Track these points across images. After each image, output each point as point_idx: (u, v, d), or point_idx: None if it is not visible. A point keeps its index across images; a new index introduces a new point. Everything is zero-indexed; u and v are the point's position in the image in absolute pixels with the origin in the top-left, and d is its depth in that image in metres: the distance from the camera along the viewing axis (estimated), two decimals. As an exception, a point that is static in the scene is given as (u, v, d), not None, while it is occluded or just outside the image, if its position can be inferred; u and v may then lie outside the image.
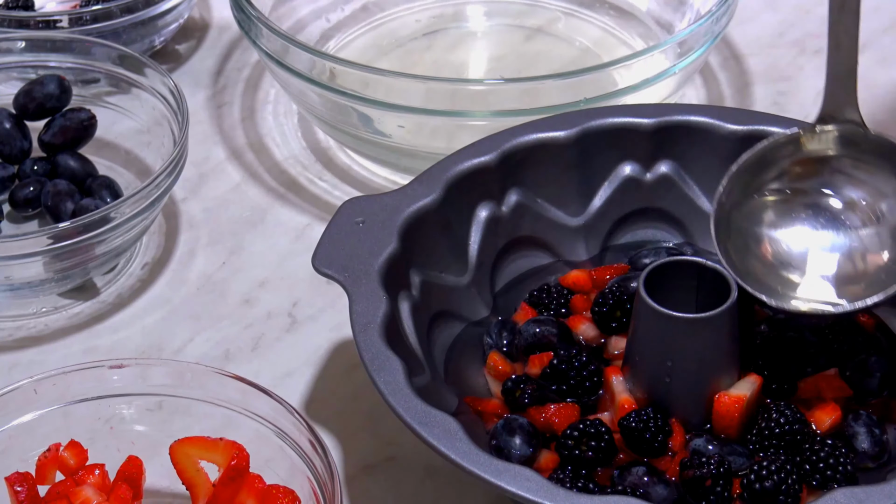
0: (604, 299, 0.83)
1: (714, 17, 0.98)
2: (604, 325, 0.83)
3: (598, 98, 0.95)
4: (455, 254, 0.87)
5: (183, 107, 0.95)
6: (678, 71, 0.98)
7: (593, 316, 0.84)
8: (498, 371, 0.82)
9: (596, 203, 0.91)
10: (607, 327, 0.83)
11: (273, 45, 0.99)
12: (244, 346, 0.92)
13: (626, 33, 1.13)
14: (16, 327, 0.93)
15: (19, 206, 0.99)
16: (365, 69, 0.97)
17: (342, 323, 0.88)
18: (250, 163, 1.06)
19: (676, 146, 0.90)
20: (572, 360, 0.79)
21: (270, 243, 0.99)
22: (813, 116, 0.81)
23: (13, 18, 1.06)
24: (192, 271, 0.97)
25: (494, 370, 0.83)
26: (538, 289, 0.87)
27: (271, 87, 1.13)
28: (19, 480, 0.75)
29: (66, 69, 1.02)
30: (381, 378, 0.74)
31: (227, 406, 0.78)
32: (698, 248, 0.89)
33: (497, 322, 0.85)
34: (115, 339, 0.92)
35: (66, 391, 0.79)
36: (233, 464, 0.74)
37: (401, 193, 0.85)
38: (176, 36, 1.17)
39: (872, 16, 1.18)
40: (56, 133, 1.00)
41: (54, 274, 0.92)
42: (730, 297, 0.77)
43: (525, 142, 0.89)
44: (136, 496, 0.76)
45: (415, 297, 0.83)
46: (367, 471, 0.83)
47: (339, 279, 0.80)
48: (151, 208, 0.92)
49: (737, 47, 1.15)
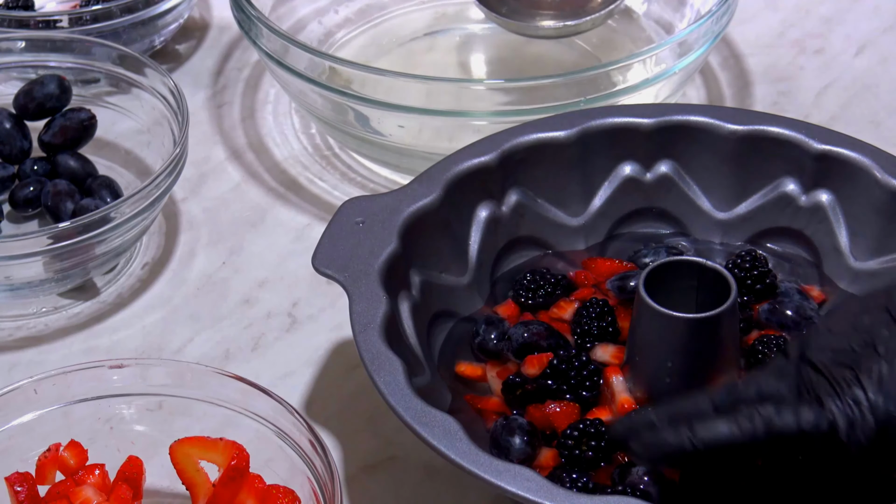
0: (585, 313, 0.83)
1: (714, 16, 0.98)
2: (584, 338, 0.83)
3: (598, 98, 0.95)
4: (455, 254, 0.87)
5: (183, 107, 0.95)
6: (678, 71, 0.98)
7: (572, 329, 0.84)
8: (469, 377, 0.83)
9: (596, 203, 0.91)
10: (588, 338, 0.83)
11: (273, 45, 0.99)
12: (244, 346, 0.92)
13: (625, 33, 1.13)
14: (16, 327, 0.93)
15: (19, 206, 0.99)
16: (365, 69, 0.97)
17: (342, 323, 0.88)
18: (250, 163, 1.06)
19: (676, 146, 0.90)
20: (572, 359, 0.80)
21: (270, 243, 0.99)
22: (813, 116, 0.81)
23: (13, 18, 1.06)
24: (192, 271, 0.97)
25: (464, 376, 0.83)
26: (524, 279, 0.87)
27: (271, 87, 1.13)
28: (19, 480, 0.75)
29: (66, 69, 1.02)
30: (381, 378, 0.74)
31: (227, 406, 0.78)
32: (695, 239, 0.90)
33: (482, 318, 0.85)
34: (115, 339, 0.92)
35: (66, 391, 0.79)
36: (233, 464, 0.74)
37: (401, 193, 0.85)
38: (176, 36, 1.17)
39: (872, 16, 1.18)
40: (56, 133, 1.00)
41: (54, 274, 0.92)
42: (730, 297, 0.77)
43: (525, 142, 0.89)
44: (136, 496, 0.76)
45: (415, 297, 0.83)
46: (367, 471, 0.83)
47: (339, 279, 0.80)
48: (151, 208, 0.92)
49: (737, 47, 1.15)
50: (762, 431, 0.66)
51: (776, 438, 0.66)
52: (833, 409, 0.66)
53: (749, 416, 0.67)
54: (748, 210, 0.90)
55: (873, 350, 0.66)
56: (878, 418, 0.65)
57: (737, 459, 0.68)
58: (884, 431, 0.65)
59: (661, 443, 0.68)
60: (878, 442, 0.65)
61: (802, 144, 0.88)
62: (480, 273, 0.88)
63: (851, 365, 0.66)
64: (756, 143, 0.89)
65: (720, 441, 0.67)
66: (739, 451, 0.67)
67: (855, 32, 1.17)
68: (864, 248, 0.87)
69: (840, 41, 1.16)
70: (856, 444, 0.65)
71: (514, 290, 0.87)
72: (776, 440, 0.66)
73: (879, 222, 0.86)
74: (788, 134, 0.88)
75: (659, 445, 0.68)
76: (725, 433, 0.67)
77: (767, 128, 0.88)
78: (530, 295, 0.86)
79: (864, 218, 0.87)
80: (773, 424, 0.66)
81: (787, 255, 0.90)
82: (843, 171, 0.87)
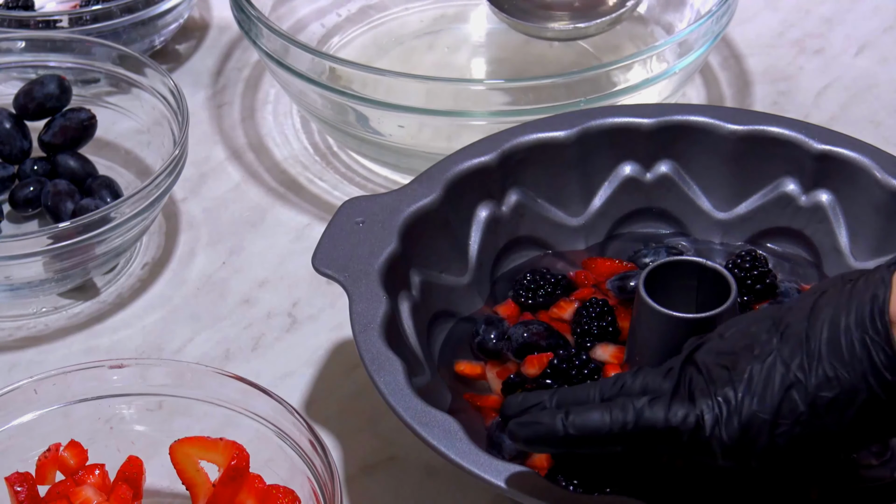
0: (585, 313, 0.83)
1: (714, 16, 0.98)
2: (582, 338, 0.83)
3: (597, 98, 0.95)
4: (455, 254, 0.87)
5: (183, 107, 0.95)
6: (678, 71, 0.98)
7: (572, 329, 0.84)
8: (468, 375, 0.83)
9: (596, 203, 0.91)
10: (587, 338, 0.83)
11: (273, 45, 0.99)
12: (244, 346, 0.92)
13: (625, 33, 1.13)
14: (16, 327, 0.93)
15: (19, 206, 0.99)
16: (365, 69, 0.97)
17: (342, 323, 0.88)
18: (250, 163, 1.06)
19: (676, 146, 0.90)
20: (572, 359, 0.80)
21: (270, 243, 0.99)
22: (813, 116, 0.81)
23: (13, 18, 1.06)
24: (192, 271, 0.97)
25: (464, 374, 0.83)
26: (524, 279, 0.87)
27: (271, 87, 1.13)
28: (19, 480, 0.75)
29: (66, 69, 1.02)
30: (381, 378, 0.74)
31: (227, 406, 0.78)
32: (695, 239, 0.90)
33: (482, 318, 0.85)
34: (115, 339, 0.92)
35: (66, 391, 0.79)
36: (233, 464, 0.74)
37: (401, 193, 0.85)
38: (176, 36, 1.17)
39: (872, 16, 1.18)
40: (56, 133, 1.00)
41: (54, 274, 0.92)
42: (730, 297, 0.77)
43: (525, 142, 0.89)
44: (136, 496, 0.76)
45: (415, 297, 0.83)
46: (367, 471, 0.83)
47: (339, 279, 0.80)
48: (151, 208, 0.92)
49: (737, 47, 1.15)
50: (632, 422, 0.67)
51: (644, 430, 0.67)
52: (703, 407, 0.66)
53: (622, 406, 0.67)
54: (748, 210, 0.90)
55: (750, 353, 0.67)
56: (741, 418, 0.66)
57: (604, 447, 0.68)
58: (746, 431, 0.65)
59: (535, 422, 0.68)
60: (740, 441, 0.66)
61: (802, 144, 0.88)
62: (480, 273, 0.88)
63: (728, 366, 0.67)
64: (756, 143, 0.89)
65: (590, 427, 0.67)
66: (608, 439, 0.67)
67: (855, 32, 1.17)
68: (864, 248, 0.87)
69: (840, 41, 1.16)
70: (718, 441, 0.66)
71: (514, 290, 0.87)
72: (644, 432, 0.67)
73: (879, 222, 0.86)
74: (788, 134, 0.88)
75: (532, 424, 0.68)
76: (596, 420, 0.67)
77: (767, 128, 0.88)
78: (530, 295, 0.86)
79: (864, 218, 0.87)
80: (642, 416, 0.67)
81: (787, 255, 0.90)
82: (843, 171, 0.87)
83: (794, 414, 0.65)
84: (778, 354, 0.66)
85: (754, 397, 0.66)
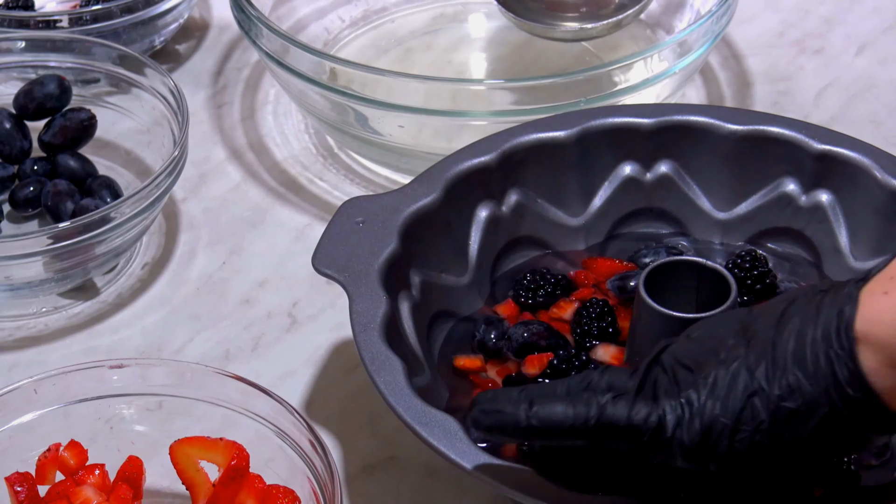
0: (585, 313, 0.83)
1: (714, 17, 0.98)
2: (583, 339, 0.83)
3: (597, 98, 0.95)
4: (455, 254, 0.87)
5: (183, 107, 0.95)
6: (678, 71, 0.98)
7: (572, 329, 0.84)
8: (470, 370, 0.83)
9: (596, 203, 0.91)
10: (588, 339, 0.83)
11: (273, 45, 0.99)
12: (244, 346, 0.92)
13: (625, 33, 1.13)
14: (16, 327, 0.93)
15: (19, 206, 0.99)
16: (365, 69, 0.97)
17: (342, 323, 0.88)
18: (250, 163, 1.06)
19: (676, 146, 0.90)
20: (572, 359, 0.80)
21: (270, 243, 0.99)
22: (813, 116, 0.81)
23: (13, 18, 1.06)
24: (192, 271, 0.97)
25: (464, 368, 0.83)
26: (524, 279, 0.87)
27: (271, 87, 1.13)
28: (19, 480, 0.75)
29: (66, 69, 1.02)
30: (381, 378, 0.74)
31: (227, 406, 0.78)
32: (695, 239, 0.90)
33: (482, 318, 0.85)
34: (115, 339, 0.92)
35: (66, 391, 0.79)
36: (233, 464, 0.74)
37: (401, 193, 0.85)
38: (176, 36, 1.17)
39: (872, 16, 1.18)
40: (56, 133, 1.00)
41: (54, 274, 0.92)
42: (730, 297, 0.77)
43: (525, 142, 0.89)
44: (136, 496, 0.76)
45: (415, 297, 0.83)
46: (367, 471, 0.83)
47: (339, 279, 0.80)
48: (151, 208, 0.92)
49: (737, 47, 1.15)
50: (594, 417, 0.67)
51: (606, 426, 0.67)
52: (666, 407, 0.66)
53: (586, 400, 0.67)
54: (748, 210, 0.90)
55: (716, 357, 0.67)
56: (703, 420, 0.65)
57: (566, 440, 0.68)
58: (707, 434, 0.65)
59: (498, 410, 0.68)
60: (700, 444, 0.66)
61: (802, 144, 0.88)
62: (480, 273, 0.88)
63: (693, 368, 0.67)
64: (756, 143, 0.89)
65: (553, 420, 0.67)
66: (569, 432, 0.67)
67: (855, 32, 1.17)
68: (864, 248, 0.87)
69: (840, 41, 1.16)
70: (679, 442, 0.66)
71: (514, 290, 0.87)
72: (605, 427, 0.67)
73: (879, 222, 0.86)
74: (788, 134, 0.88)
75: (495, 413, 0.68)
76: (559, 412, 0.67)
77: (767, 128, 0.89)
78: (530, 295, 0.86)
79: (864, 218, 0.87)
80: (605, 412, 0.67)
81: (787, 255, 0.90)
82: (843, 171, 0.87)
83: (754, 421, 0.65)
84: (744, 361, 0.66)
85: (717, 401, 0.65)
